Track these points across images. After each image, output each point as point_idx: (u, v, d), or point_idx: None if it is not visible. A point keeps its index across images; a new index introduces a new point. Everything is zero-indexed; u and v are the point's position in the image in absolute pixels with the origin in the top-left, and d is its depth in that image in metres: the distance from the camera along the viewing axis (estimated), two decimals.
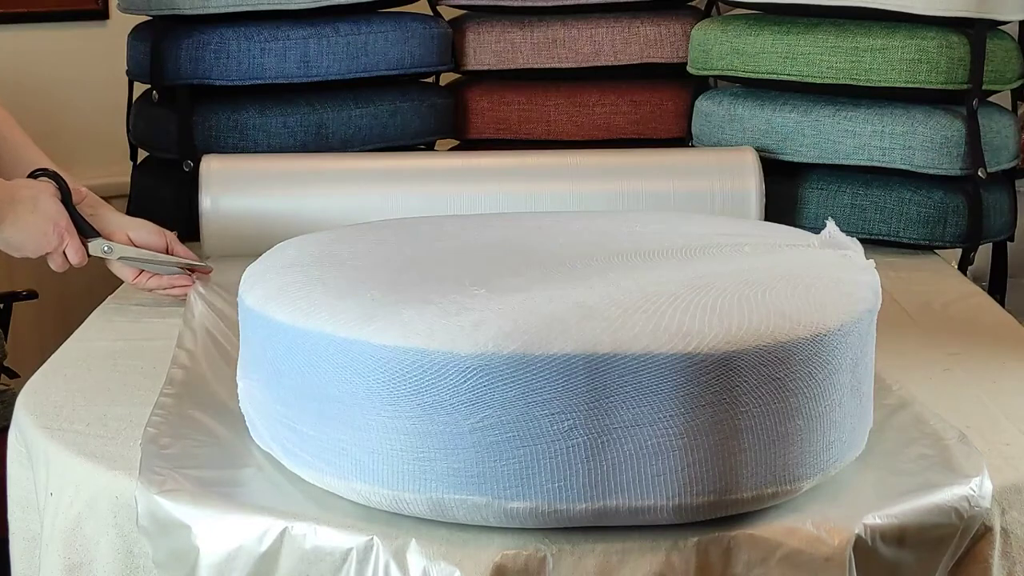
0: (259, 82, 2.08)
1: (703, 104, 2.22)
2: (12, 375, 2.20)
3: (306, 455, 1.13)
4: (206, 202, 1.92)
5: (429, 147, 2.34)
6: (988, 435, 1.26)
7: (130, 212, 2.16)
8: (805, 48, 2.06)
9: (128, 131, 2.20)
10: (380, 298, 1.11)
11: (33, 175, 1.62)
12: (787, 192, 2.09)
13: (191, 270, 1.69)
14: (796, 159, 2.09)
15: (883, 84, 2.02)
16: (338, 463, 1.10)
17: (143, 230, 1.68)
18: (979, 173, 1.99)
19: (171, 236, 1.70)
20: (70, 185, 1.63)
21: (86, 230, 1.62)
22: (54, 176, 1.62)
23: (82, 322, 1.65)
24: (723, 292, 1.12)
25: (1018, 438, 1.27)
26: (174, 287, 1.67)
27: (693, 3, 2.42)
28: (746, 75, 2.14)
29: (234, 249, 1.89)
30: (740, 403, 1.05)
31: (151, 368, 1.46)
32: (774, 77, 2.10)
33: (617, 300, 1.09)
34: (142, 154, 2.21)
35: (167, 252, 1.69)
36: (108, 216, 1.67)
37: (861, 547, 1.08)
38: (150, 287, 1.68)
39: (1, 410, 2.11)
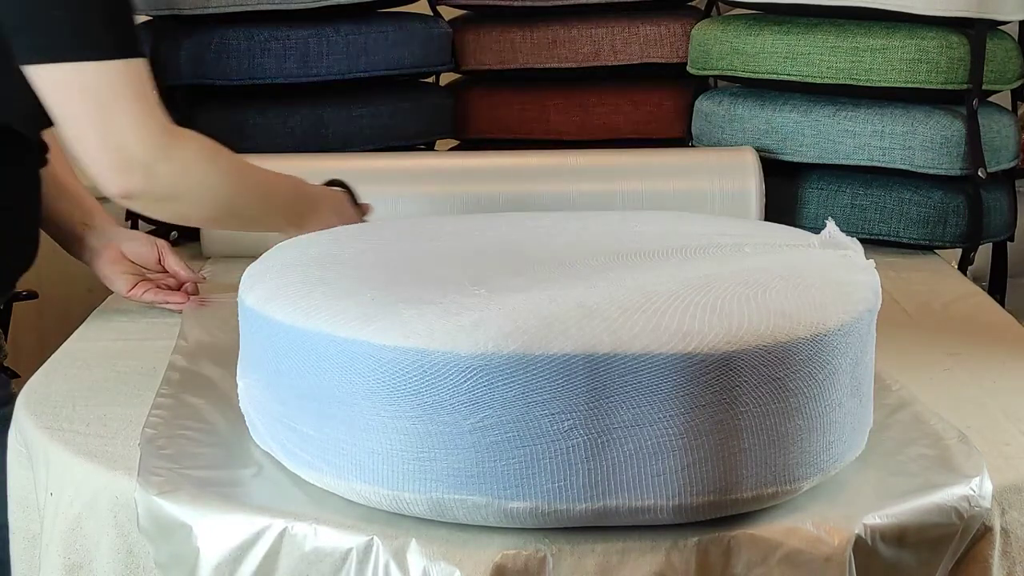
0: (259, 82, 2.08)
1: (703, 104, 2.22)
2: (12, 375, 2.20)
3: (306, 455, 1.13)
4: None
5: (429, 147, 2.34)
6: (988, 435, 1.26)
7: (130, 212, 2.16)
8: (805, 48, 2.06)
9: None
10: (380, 298, 1.11)
11: (329, 184, 1.66)
12: (787, 192, 2.09)
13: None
14: (796, 159, 2.09)
15: (883, 84, 2.02)
16: (338, 463, 1.10)
17: (135, 242, 1.68)
18: (979, 173, 1.99)
19: (163, 245, 1.70)
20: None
21: None
22: (345, 186, 1.65)
23: (82, 322, 1.66)
24: (723, 292, 1.12)
25: (1018, 438, 1.27)
26: (168, 303, 1.67)
27: (693, 3, 2.42)
28: (746, 75, 2.14)
29: (234, 249, 1.89)
30: (740, 403, 1.05)
31: (151, 368, 1.46)
32: (774, 77, 2.10)
33: (617, 300, 1.09)
34: None
35: (158, 262, 1.69)
36: (104, 227, 1.68)
37: (861, 547, 1.08)
38: (145, 300, 1.68)
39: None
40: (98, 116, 1.39)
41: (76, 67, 1.39)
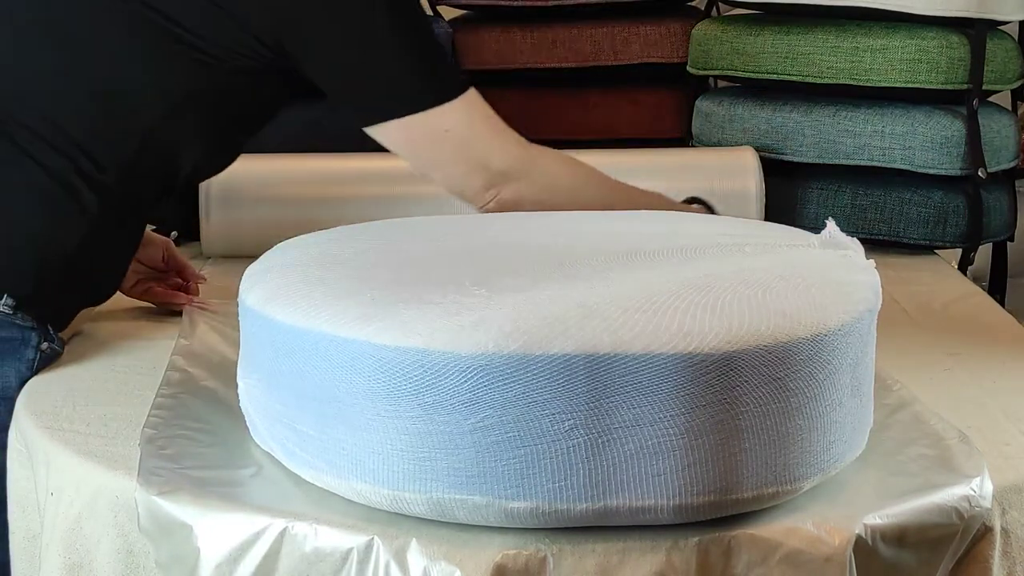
0: None
1: (703, 104, 2.22)
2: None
3: (306, 455, 1.13)
4: (206, 202, 1.92)
5: None
6: (988, 435, 1.26)
7: None
8: (805, 48, 2.06)
9: None
10: (380, 298, 1.11)
11: (688, 201, 1.73)
12: (787, 192, 2.09)
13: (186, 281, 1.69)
14: (796, 159, 2.09)
15: (883, 84, 2.02)
16: (338, 463, 1.10)
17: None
18: (979, 173, 1.99)
19: (168, 243, 1.69)
20: None
21: None
22: (705, 204, 1.72)
23: (82, 323, 1.65)
24: (723, 292, 1.12)
25: (1018, 438, 1.27)
26: (169, 303, 1.67)
27: (693, 3, 2.42)
28: (746, 75, 2.14)
29: (234, 249, 1.89)
30: (740, 403, 1.05)
31: (151, 368, 1.46)
32: (774, 77, 2.10)
33: (617, 300, 1.09)
34: None
35: (163, 259, 1.68)
36: None
37: (861, 547, 1.08)
38: (146, 299, 1.68)
39: None
40: (458, 154, 1.50)
41: (424, 117, 1.48)
